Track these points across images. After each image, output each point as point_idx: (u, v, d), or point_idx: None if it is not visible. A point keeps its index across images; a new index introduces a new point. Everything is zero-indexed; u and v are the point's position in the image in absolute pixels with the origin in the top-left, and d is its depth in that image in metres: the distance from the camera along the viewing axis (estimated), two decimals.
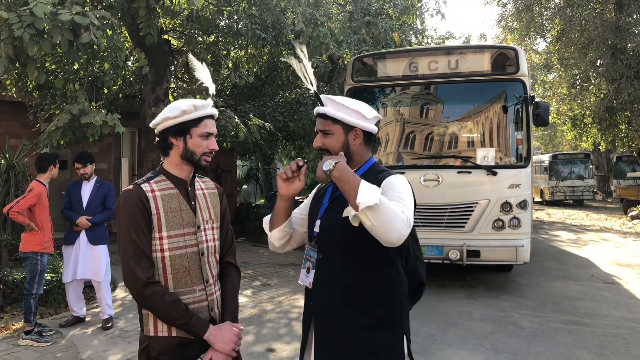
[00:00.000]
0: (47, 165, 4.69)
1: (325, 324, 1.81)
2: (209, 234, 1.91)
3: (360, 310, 1.75)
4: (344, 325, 1.76)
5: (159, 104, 7.81)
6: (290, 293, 6.38)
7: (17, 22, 4.60)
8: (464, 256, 5.83)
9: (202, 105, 1.84)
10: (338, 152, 1.82)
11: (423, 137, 6.52)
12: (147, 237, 1.77)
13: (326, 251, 1.82)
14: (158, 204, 1.79)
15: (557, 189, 21.53)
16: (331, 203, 1.87)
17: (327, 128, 1.84)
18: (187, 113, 1.81)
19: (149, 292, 1.72)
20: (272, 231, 1.95)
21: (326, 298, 1.81)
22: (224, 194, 2.08)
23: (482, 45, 9.26)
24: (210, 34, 8.90)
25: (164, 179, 1.86)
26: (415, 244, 1.93)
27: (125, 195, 1.79)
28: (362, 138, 1.86)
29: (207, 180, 2.04)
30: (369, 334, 1.73)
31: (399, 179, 1.76)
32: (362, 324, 1.74)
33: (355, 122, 1.82)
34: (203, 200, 1.93)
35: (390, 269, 1.78)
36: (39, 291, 4.60)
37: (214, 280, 1.92)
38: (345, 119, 1.82)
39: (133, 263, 1.72)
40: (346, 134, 1.84)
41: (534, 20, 16.28)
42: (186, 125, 1.82)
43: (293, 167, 1.82)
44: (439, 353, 4.33)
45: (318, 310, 1.83)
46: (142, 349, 1.85)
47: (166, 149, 1.86)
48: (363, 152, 1.88)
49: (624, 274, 7.51)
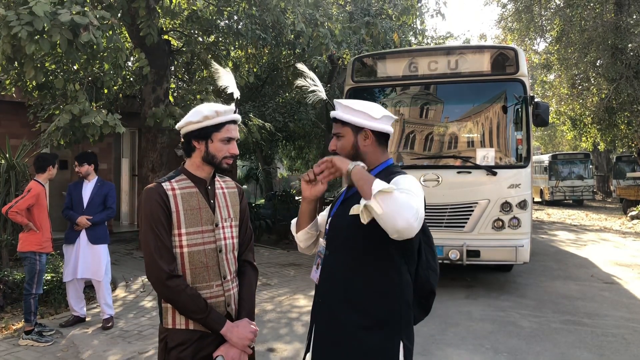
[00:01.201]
0: (46, 166, 4.69)
1: (326, 318, 1.85)
2: (227, 232, 1.97)
3: (357, 308, 1.77)
4: (341, 322, 1.78)
5: (159, 104, 7.81)
6: (290, 293, 6.38)
7: (15, 19, 4.59)
8: (464, 256, 5.84)
9: (225, 111, 1.89)
10: (349, 153, 1.86)
11: (423, 137, 6.52)
12: (168, 232, 1.84)
13: (333, 248, 1.86)
14: (178, 202, 1.86)
15: (557, 189, 21.54)
16: (342, 203, 1.91)
17: (339, 131, 1.89)
18: (209, 118, 1.87)
19: (172, 285, 1.79)
20: (297, 233, 2.00)
21: (328, 293, 1.85)
22: (244, 193, 2.14)
23: (482, 46, 9.26)
24: (210, 34, 8.91)
25: (184, 178, 1.93)
26: (430, 251, 1.91)
27: (147, 192, 1.87)
28: (372, 138, 1.87)
29: (227, 180, 2.10)
30: (363, 333, 1.75)
31: (408, 178, 1.77)
32: (358, 322, 1.76)
33: (362, 123, 1.84)
34: (222, 199, 1.99)
35: (392, 271, 1.78)
36: (38, 291, 4.60)
37: (231, 276, 1.97)
38: (352, 120, 1.85)
39: (156, 256, 1.79)
40: (355, 136, 1.86)
41: (533, 20, 16.28)
42: (208, 130, 1.88)
43: (316, 170, 1.85)
44: (439, 353, 4.33)
45: (321, 304, 1.88)
46: (160, 339, 1.92)
47: (189, 151, 1.93)
48: (376, 153, 1.90)
49: (623, 274, 7.52)
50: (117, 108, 7.97)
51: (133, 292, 6.32)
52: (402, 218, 1.53)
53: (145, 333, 4.80)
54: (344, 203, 1.90)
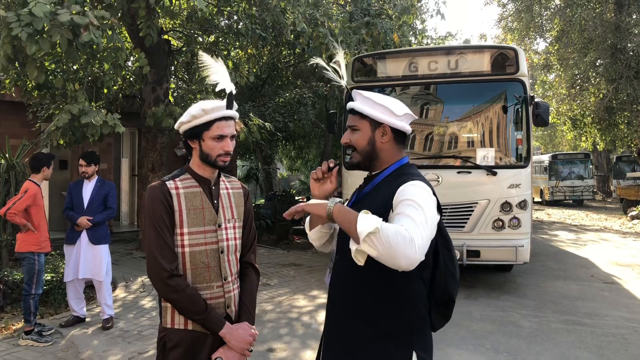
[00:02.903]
0: (40, 166, 4.67)
1: (335, 326, 1.77)
2: (230, 233, 1.95)
3: (365, 319, 1.68)
4: (349, 332, 1.71)
5: (159, 104, 7.81)
6: (290, 293, 6.38)
7: (16, 21, 4.59)
8: (464, 256, 5.83)
9: (212, 109, 1.84)
10: (364, 149, 1.76)
11: (423, 137, 6.52)
12: (170, 231, 1.83)
13: (343, 254, 1.74)
14: (181, 201, 1.86)
15: (557, 189, 21.55)
16: (353, 206, 1.79)
17: (355, 123, 1.77)
18: (197, 117, 1.85)
19: (172, 284, 1.78)
20: (310, 231, 1.92)
21: (337, 301, 1.78)
22: (249, 195, 2.11)
23: (482, 46, 9.26)
24: (210, 34, 8.91)
25: (189, 177, 1.92)
26: (449, 255, 1.76)
27: (151, 191, 1.86)
28: (390, 135, 1.75)
29: (233, 180, 2.08)
30: (371, 345, 1.66)
31: (415, 188, 1.62)
32: (366, 333, 1.67)
33: (383, 118, 1.73)
34: (227, 200, 1.98)
35: (403, 281, 1.64)
36: (37, 291, 4.59)
37: (232, 278, 1.96)
38: (372, 113, 1.73)
39: (158, 254, 1.78)
40: (373, 131, 1.75)
41: (533, 20, 16.29)
42: (198, 129, 1.86)
43: (324, 167, 1.80)
44: (439, 353, 4.33)
45: (331, 311, 1.81)
46: (159, 339, 1.91)
47: (189, 150, 1.94)
48: (393, 151, 1.77)
49: (623, 274, 7.52)
50: (117, 108, 7.96)
51: (133, 292, 6.32)
52: (401, 256, 1.42)
53: (145, 333, 4.80)
54: (354, 206, 1.76)
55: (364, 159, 1.78)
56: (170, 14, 7.81)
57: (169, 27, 8.93)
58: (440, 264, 1.73)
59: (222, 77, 1.94)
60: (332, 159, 1.94)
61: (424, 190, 1.62)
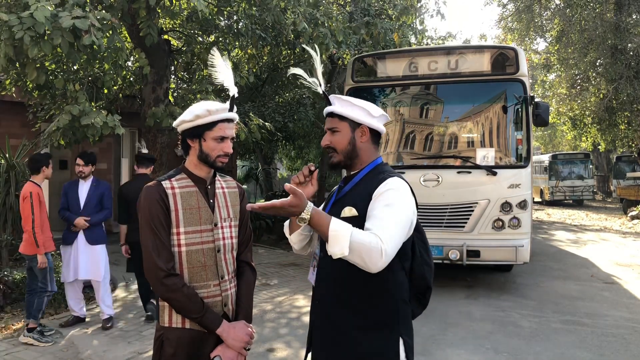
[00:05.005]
0: (40, 167, 4.67)
1: (323, 321, 1.85)
2: (227, 232, 1.97)
3: (353, 310, 1.77)
4: (338, 324, 1.79)
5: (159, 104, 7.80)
6: (290, 293, 6.38)
7: (18, 24, 4.59)
8: (464, 256, 5.84)
9: (217, 110, 1.87)
10: (345, 149, 1.86)
11: (423, 137, 6.52)
12: (167, 231, 1.84)
13: (326, 250, 1.84)
14: (177, 201, 1.87)
15: (557, 189, 21.55)
16: (334, 204, 1.91)
17: (335, 126, 1.88)
18: (201, 117, 1.87)
19: (169, 283, 1.79)
20: (290, 235, 1.98)
21: (324, 295, 1.85)
22: (245, 194, 2.14)
23: (482, 46, 9.26)
24: (210, 34, 8.90)
25: (184, 177, 1.94)
26: (424, 247, 1.91)
27: (147, 191, 1.87)
28: (368, 136, 1.88)
29: (229, 180, 2.10)
30: (361, 334, 1.75)
31: (393, 187, 1.74)
32: (355, 324, 1.76)
33: (362, 119, 1.85)
34: (222, 199, 2.00)
35: (386, 270, 1.72)
36: (53, 288, 4.66)
37: (229, 276, 1.98)
38: (352, 115, 1.85)
39: (154, 254, 1.80)
40: (353, 131, 1.86)
41: (533, 20, 16.30)
42: (200, 129, 1.88)
43: (305, 171, 1.88)
44: (439, 353, 4.33)
45: (317, 306, 1.88)
46: (156, 337, 1.92)
47: (186, 149, 1.95)
48: (370, 151, 1.90)
49: (623, 274, 7.52)
50: (117, 108, 7.96)
51: (133, 292, 6.32)
52: (371, 264, 1.58)
53: (144, 333, 4.80)
54: (335, 204, 1.89)
55: (345, 158, 1.88)
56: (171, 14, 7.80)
57: (169, 27, 8.93)
58: (417, 255, 1.88)
59: (227, 79, 1.97)
60: (312, 163, 2.01)
61: (400, 192, 1.74)
